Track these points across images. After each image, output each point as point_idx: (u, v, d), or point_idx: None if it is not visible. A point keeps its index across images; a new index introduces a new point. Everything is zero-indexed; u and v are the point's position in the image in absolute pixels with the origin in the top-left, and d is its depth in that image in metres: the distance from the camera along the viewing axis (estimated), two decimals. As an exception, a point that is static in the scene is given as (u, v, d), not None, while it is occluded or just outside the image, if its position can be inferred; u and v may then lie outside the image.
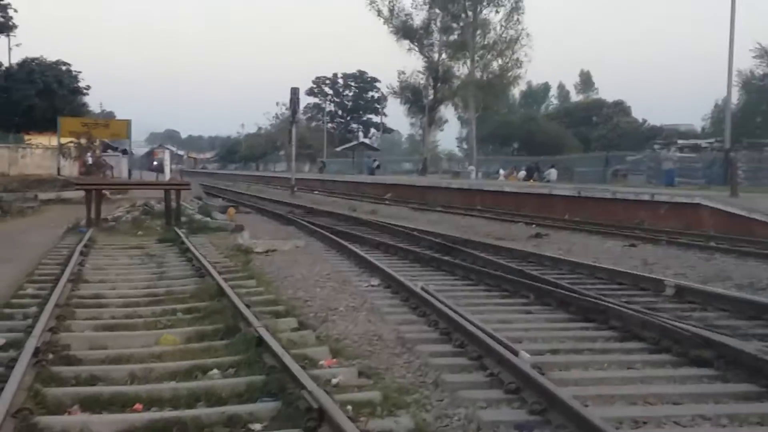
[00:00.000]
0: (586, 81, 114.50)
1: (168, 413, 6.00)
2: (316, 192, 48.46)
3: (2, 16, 52.46)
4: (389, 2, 58.70)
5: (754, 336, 8.68)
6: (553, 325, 9.51)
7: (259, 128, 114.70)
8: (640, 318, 8.93)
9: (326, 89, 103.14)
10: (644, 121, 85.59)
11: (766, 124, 53.01)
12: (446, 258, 14.89)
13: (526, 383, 6.44)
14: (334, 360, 7.65)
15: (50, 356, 7.47)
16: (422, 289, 10.77)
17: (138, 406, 6.26)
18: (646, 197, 26.98)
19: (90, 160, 45.08)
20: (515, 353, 7.25)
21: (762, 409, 6.24)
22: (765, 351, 7.40)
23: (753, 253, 16.26)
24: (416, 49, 59.72)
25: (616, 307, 9.55)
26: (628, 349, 8.26)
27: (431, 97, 61.46)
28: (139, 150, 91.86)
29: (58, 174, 45.00)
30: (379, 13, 59.22)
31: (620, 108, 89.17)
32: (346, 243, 17.34)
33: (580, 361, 7.77)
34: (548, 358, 7.69)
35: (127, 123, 56.72)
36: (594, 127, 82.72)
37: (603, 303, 9.85)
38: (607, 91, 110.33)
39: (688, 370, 7.40)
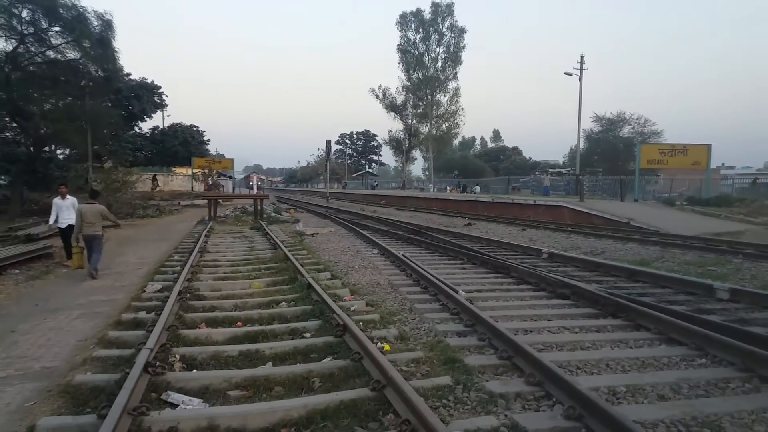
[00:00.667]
0: (496, 135, 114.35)
1: (256, 327, 6.01)
2: (341, 200, 48.36)
3: (159, 99, 52.29)
4: (382, 91, 58.66)
5: (592, 281, 8.67)
6: (478, 275, 9.44)
7: (308, 163, 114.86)
8: (528, 271, 8.92)
9: (347, 140, 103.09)
10: (530, 158, 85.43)
11: (599, 161, 53.01)
12: (416, 237, 14.85)
13: (463, 309, 6.45)
14: (352, 296, 7.64)
15: (188, 295, 7.47)
16: (402, 255, 10.74)
17: (239, 323, 6.26)
18: (531, 202, 26.96)
19: (210, 182, 45.07)
20: (456, 292, 7.25)
21: (598, 323, 6.25)
22: (600, 289, 7.42)
23: (592, 234, 16.26)
24: (399, 117, 59.49)
25: (514, 265, 9.53)
26: (521, 289, 8.23)
27: (407, 145, 61.18)
28: (239, 176, 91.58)
29: (192, 190, 45.21)
30: (377, 96, 59.04)
31: (516, 151, 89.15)
32: (358, 229, 17.28)
33: (494, 296, 7.75)
34: (475, 294, 7.64)
35: (232, 160, 56.76)
36: (501, 162, 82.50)
37: (507, 262, 9.83)
38: (508, 140, 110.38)
39: (556, 301, 7.39)
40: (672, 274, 9.02)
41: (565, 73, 40.33)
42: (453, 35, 55.34)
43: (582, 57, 39.88)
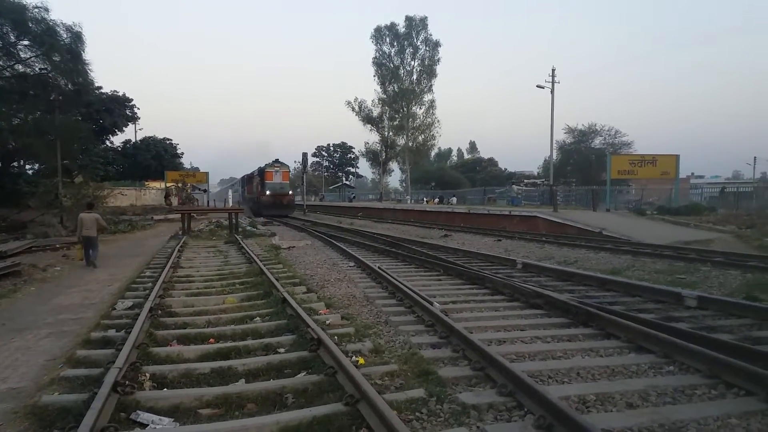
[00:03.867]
0: (472, 146, 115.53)
1: (229, 344, 5.96)
2: (318, 212, 48.14)
3: (131, 112, 51.65)
4: (358, 103, 58.82)
5: (565, 290, 8.79)
6: (454, 287, 9.48)
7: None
8: (502, 281, 9.02)
9: (323, 152, 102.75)
10: (505, 169, 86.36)
11: (572, 171, 54.01)
12: (392, 249, 14.89)
13: (437, 321, 6.48)
14: (327, 310, 7.61)
15: (159, 312, 7.37)
16: (378, 268, 10.76)
17: (212, 340, 6.19)
18: (507, 212, 27.26)
19: (184, 196, 44.58)
20: (431, 304, 7.28)
21: (570, 332, 6.35)
22: (571, 299, 7.53)
23: (566, 243, 16.49)
24: (375, 129, 59.62)
25: (489, 275, 9.61)
26: (495, 300, 8.29)
27: (384, 157, 61.31)
28: (214, 189, 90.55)
29: (165, 204, 44.74)
30: (353, 109, 59.13)
31: (492, 162, 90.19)
32: (335, 242, 17.26)
33: (468, 307, 7.79)
34: (450, 306, 7.68)
35: (207, 174, 56.54)
36: (477, 173, 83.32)
37: (482, 273, 9.90)
38: (484, 152, 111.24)
39: (529, 311, 7.47)
40: (642, 282, 9.21)
41: (537, 86, 41.11)
42: (428, 48, 56.00)
43: (553, 70, 40.74)
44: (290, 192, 39.82)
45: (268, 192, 37.98)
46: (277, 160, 39.72)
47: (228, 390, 4.52)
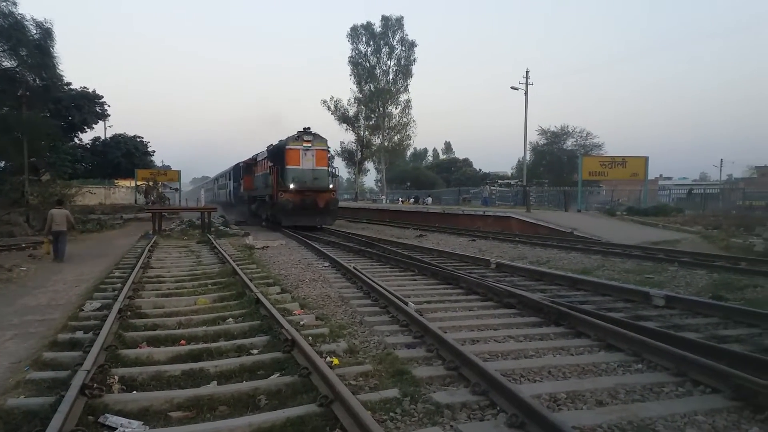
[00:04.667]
0: (448, 147, 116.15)
1: (201, 345, 5.87)
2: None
3: (101, 109, 50.45)
4: (334, 102, 58.47)
5: (537, 290, 8.91)
6: (428, 287, 9.51)
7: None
8: (476, 281, 9.08)
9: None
10: (480, 169, 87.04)
11: (545, 172, 54.74)
12: (368, 249, 14.88)
13: (412, 321, 6.49)
14: (302, 310, 7.56)
15: (128, 313, 7.21)
16: (354, 268, 10.73)
17: (183, 342, 6.09)
18: (481, 213, 27.46)
19: (155, 194, 43.80)
20: (406, 304, 7.29)
21: (542, 331, 6.43)
22: (543, 298, 7.63)
23: (538, 243, 16.70)
24: (351, 129, 59.42)
25: (463, 275, 9.66)
26: (469, 299, 8.35)
27: (359, 156, 61.18)
28: (187, 188, 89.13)
29: (135, 203, 43.98)
30: (329, 108, 58.76)
31: (466, 162, 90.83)
32: (310, 242, 17.17)
33: (443, 307, 7.82)
34: (425, 306, 7.71)
35: (179, 172, 55.47)
36: (452, 173, 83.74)
37: (456, 273, 9.96)
38: (459, 152, 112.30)
39: (502, 310, 7.54)
40: (612, 282, 9.38)
41: (512, 88, 41.60)
42: (404, 48, 56.05)
43: (527, 72, 41.29)
44: (331, 186, 23.99)
45: (292, 186, 22.48)
46: (307, 130, 23.49)
47: (199, 392, 4.46)
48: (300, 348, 5.21)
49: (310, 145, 23.09)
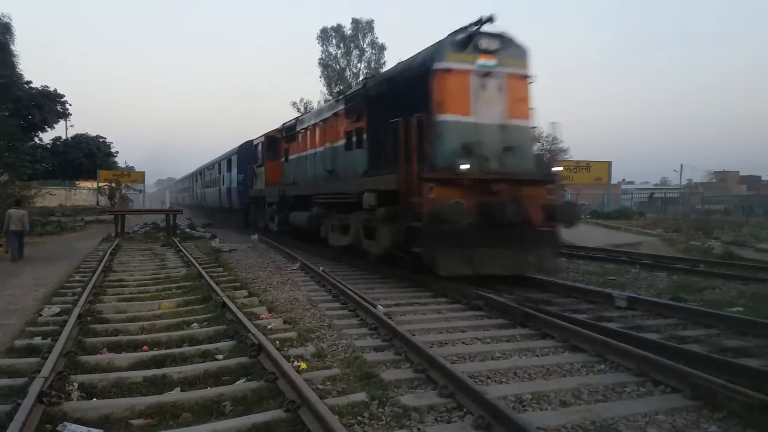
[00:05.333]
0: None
1: (164, 351, 5.75)
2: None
3: (62, 108, 49.02)
4: (304, 104, 58.14)
5: (505, 292, 9.00)
6: (397, 290, 9.49)
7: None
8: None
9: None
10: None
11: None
12: (337, 252, 14.77)
13: (381, 324, 6.49)
14: (269, 314, 7.47)
15: (89, 318, 7.01)
16: (323, 271, 10.66)
17: (145, 347, 5.95)
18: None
19: (117, 196, 42.79)
20: (374, 307, 7.29)
21: (508, 333, 6.50)
22: (510, 301, 7.72)
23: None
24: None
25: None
26: (438, 302, 8.37)
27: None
28: (151, 189, 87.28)
29: (97, 205, 43.01)
30: (299, 110, 58.39)
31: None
32: (279, 245, 16.98)
33: (412, 310, 7.83)
34: (394, 309, 7.69)
35: (143, 173, 54.42)
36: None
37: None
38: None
39: (470, 313, 7.59)
40: (576, 284, 9.56)
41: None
42: (374, 51, 56.20)
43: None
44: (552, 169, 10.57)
45: (464, 166, 8.58)
46: (483, 21, 8.94)
47: (162, 399, 4.36)
48: (267, 352, 5.14)
49: (494, 62, 9.16)
